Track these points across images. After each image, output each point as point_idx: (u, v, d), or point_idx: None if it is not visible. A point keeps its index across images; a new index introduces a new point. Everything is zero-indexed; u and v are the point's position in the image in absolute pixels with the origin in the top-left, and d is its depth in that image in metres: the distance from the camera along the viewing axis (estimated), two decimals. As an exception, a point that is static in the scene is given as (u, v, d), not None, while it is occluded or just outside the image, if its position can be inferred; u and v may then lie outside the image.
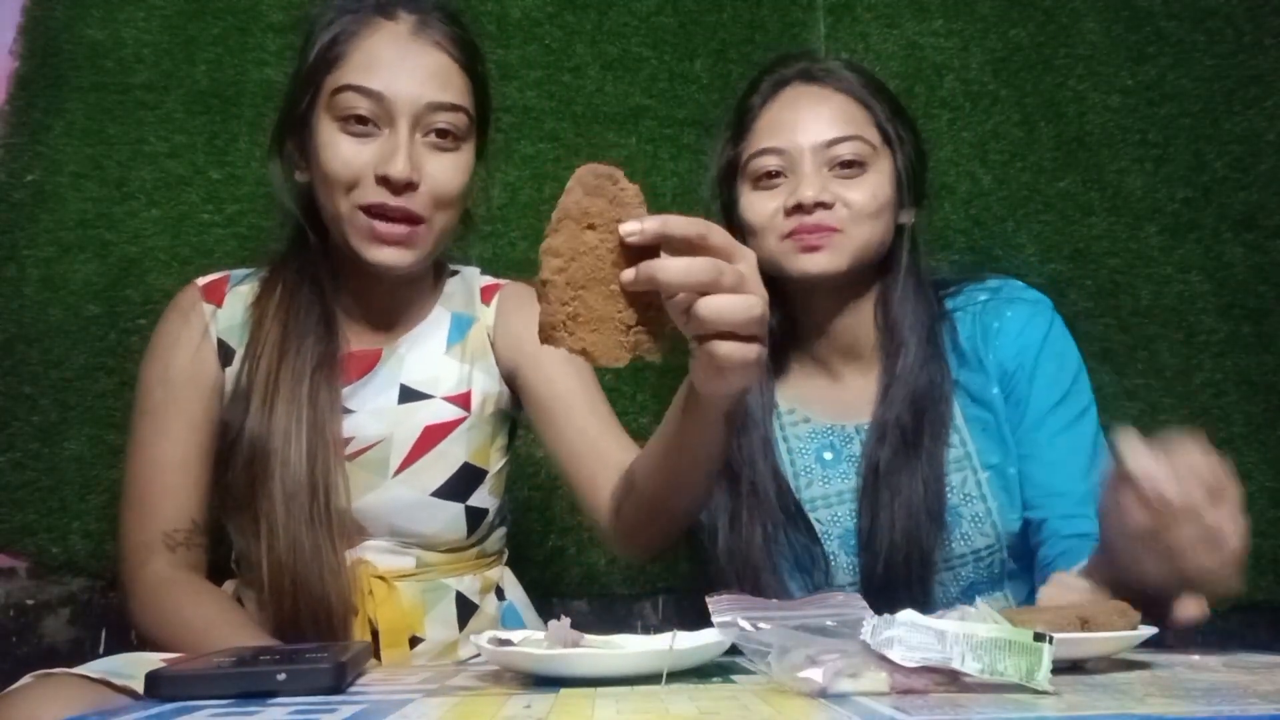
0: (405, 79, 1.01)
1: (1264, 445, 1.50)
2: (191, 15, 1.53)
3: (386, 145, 1.00)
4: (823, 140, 1.15)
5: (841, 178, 1.15)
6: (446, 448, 1.11)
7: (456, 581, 1.14)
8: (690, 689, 0.68)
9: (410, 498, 1.09)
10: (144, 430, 1.07)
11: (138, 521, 1.06)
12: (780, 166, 1.17)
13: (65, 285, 1.44)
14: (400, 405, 1.11)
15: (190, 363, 1.08)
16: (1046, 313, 1.19)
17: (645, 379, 1.56)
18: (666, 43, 1.66)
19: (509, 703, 0.65)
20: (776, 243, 1.16)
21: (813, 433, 1.24)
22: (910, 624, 0.66)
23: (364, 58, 1.01)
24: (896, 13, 1.68)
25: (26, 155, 1.47)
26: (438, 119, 1.02)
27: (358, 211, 1.01)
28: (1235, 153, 1.58)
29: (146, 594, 1.03)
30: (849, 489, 1.20)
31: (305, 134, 1.05)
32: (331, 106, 1.02)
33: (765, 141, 1.18)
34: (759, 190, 1.18)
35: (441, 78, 1.03)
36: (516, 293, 1.19)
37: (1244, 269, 1.55)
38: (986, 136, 1.62)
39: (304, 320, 1.07)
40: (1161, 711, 0.56)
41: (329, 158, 1.01)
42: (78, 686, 0.85)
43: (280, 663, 0.72)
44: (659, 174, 1.63)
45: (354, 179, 1.01)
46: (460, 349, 1.15)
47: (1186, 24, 1.61)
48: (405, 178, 0.99)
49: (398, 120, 1.00)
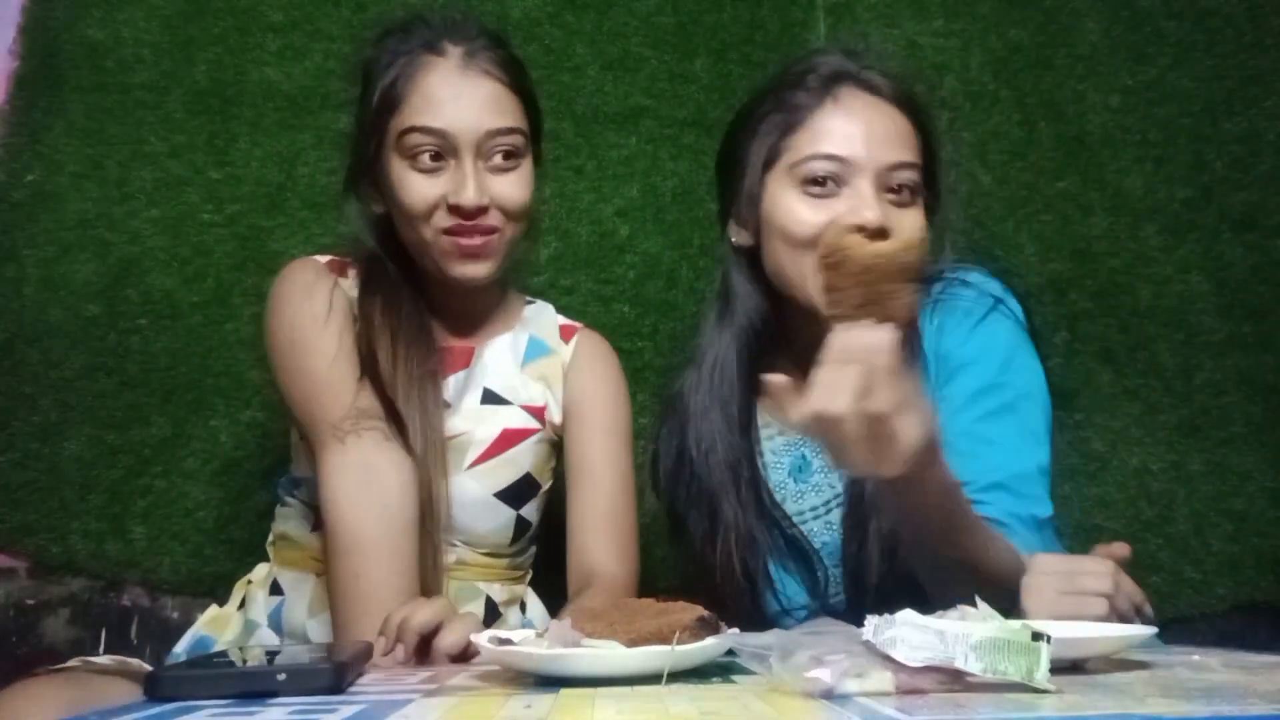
0: (463, 112, 1.08)
1: (1264, 445, 1.50)
2: (191, 15, 1.54)
3: (455, 176, 1.09)
4: (887, 163, 1.09)
5: (895, 204, 1.10)
6: (516, 454, 1.18)
7: (487, 586, 1.18)
8: (690, 689, 0.68)
9: (476, 493, 1.15)
10: (301, 386, 1.09)
11: (324, 410, 1.07)
12: (836, 174, 1.09)
13: (65, 285, 1.44)
14: (483, 406, 1.18)
15: (335, 306, 1.12)
16: (981, 308, 1.15)
17: (645, 379, 1.56)
18: (666, 43, 1.66)
19: (509, 703, 0.65)
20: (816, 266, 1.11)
21: (786, 445, 1.22)
22: (911, 624, 0.66)
23: (422, 98, 1.09)
24: (896, 13, 1.67)
25: (26, 155, 1.47)
26: (497, 143, 1.10)
27: (440, 235, 1.10)
28: (1235, 153, 1.58)
29: (350, 461, 1.04)
30: (821, 503, 1.19)
31: (378, 172, 1.13)
32: (399, 147, 1.09)
33: (826, 146, 1.10)
34: (804, 195, 1.11)
35: (495, 104, 1.10)
36: (593, 342, 1.28)
37: (1244, 269, 1.55)
38: (986, 136, 1.62)
39: (408, 326, 1.13)
40: (1161, 711, 0.56)
41: (405, 194, 1.10)
42: (77, 686, 0.86)
43: (280, 663, 0.72)
44: (659, 174, 1.63)
45: (429, 209, 1.09)
46: (536, 369, 1.23)
47: (1186, 24, 1.61)
48: (475, 204, 1.08)
49: (461, 152, 1.08)
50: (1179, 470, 1.50)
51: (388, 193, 1.12)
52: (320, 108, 1.56)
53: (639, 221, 1.62)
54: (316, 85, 1.56)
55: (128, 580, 1.43)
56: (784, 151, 1.13)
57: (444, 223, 1.09)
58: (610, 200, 1.60)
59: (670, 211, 1.63)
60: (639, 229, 1.62)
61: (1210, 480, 1.48)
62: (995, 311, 1.14)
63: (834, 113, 1.12)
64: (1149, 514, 1.48)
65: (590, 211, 1.62)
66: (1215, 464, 1.49)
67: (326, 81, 1.56)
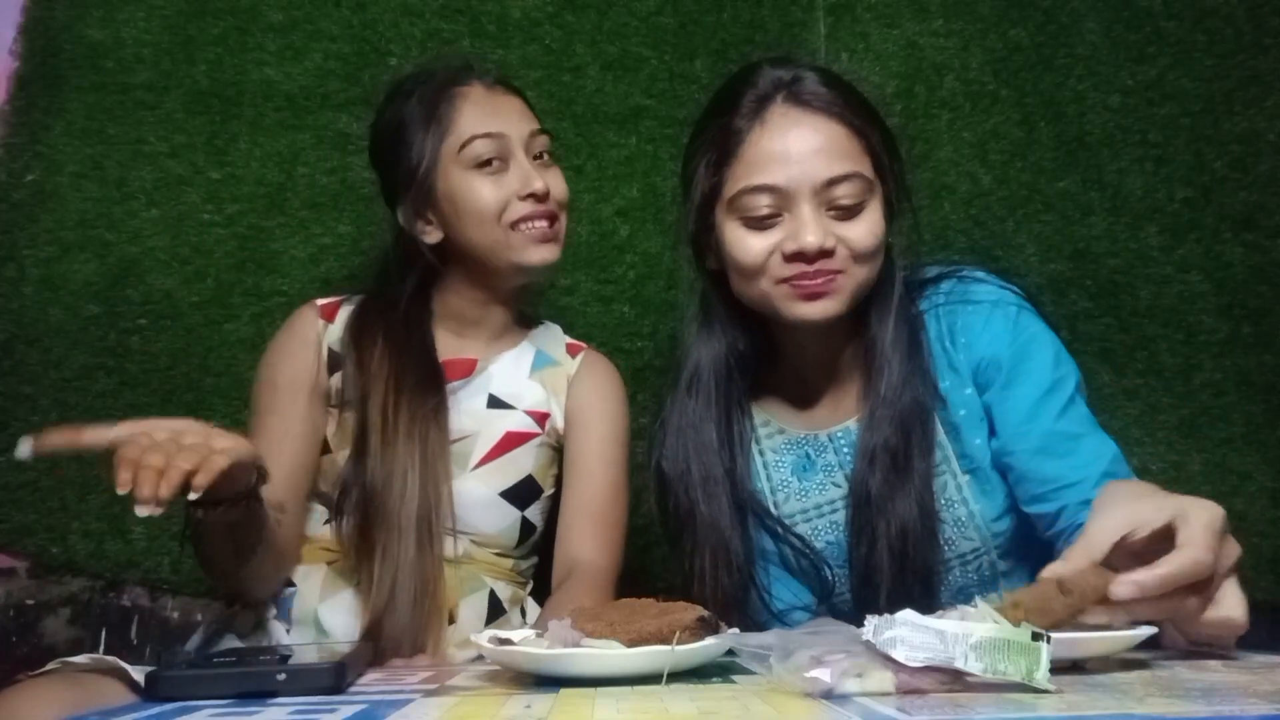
0: (508, 118, 1.23)
1: (1264, 445, 1.50)
2: (191, 15, 1.54)
3: (517, 172, 1.21)
4: (821, 180, 1.07)
5: (839, 218, 1.08)
6: (518, 455, 1.24)
7: (492, 581, 1.22)
8: (690, 689, 0.68)
9: (481, 493, 1.21)
10: (251, 425, 1.21)
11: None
12: (774, 207, 1.08)
13: (65, 285, 1.44)
14: (488, 410, 1.25)
15: (296, 371, 1.22)
16: (1007, 304, 1.15)
17: (645, 379, 1.56)
18: (666, 43, 1.66)
19: (509, 703, 0.65)
20: (771, 285, 1.10)
21: (788, 444, 1.22)
22: (911, 624, 0.66)
23: (471, 115, 1.21)
24: (896, 13, 1.67)
25: (26, 155, 1.47)
26: (537, 143, 1.24)
27: (510, 231, 1.20)
28: (1235, 153, 1.57)
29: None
30: (825, 501, 1.19)
31: (433, 201, 1.22)
32: (459, 161, 1.20)
33: (757, 177, 1.08)
34: (748, 230, 1.10)
35: (526, 112, 1.26)
36: (598, 360, 1.35)
37: (1244, 269, 1.55)
38: (986, 136, 1.62)
39: (414, 366, 1.21)
40: (1161, 711, 0.56)
41: (475, 199, 1.20)
42: (76, 686, 0.86)
43: (280, 663, 0.72)
44: (659, 174, 1.63)
45: (501, 206, 1.20)
46: (542, 378, 1.30)
47: (1186, 24, 1.61)
48: (544, 189, 1.21)
49: (515, 151, 1.22)
50: (1179, 470, 1.50)
51: (449, 203, 1.20)
52: (320, 108, 1.56)
53: (639, 221, 1.62)
54: (316, 85, 1.56)
55: (128, 580, 1.43)
56: (723, 184, 1.12)
57: (516, 214, 1.20)
58: (610, 200, 1.60)
59: (670, 211, 1.63)
60: (639, 229, 1.62)
61: (1210, 480, 1.48)
62: (1022, 313, 1.15)
63: (763, 138, 1.10)
64: (1149, 514, 1.47)
65: (590, 211, 1.62)
66: (1215, 464, 1.49)
67: (326, 81, 1.56)
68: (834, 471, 1.19)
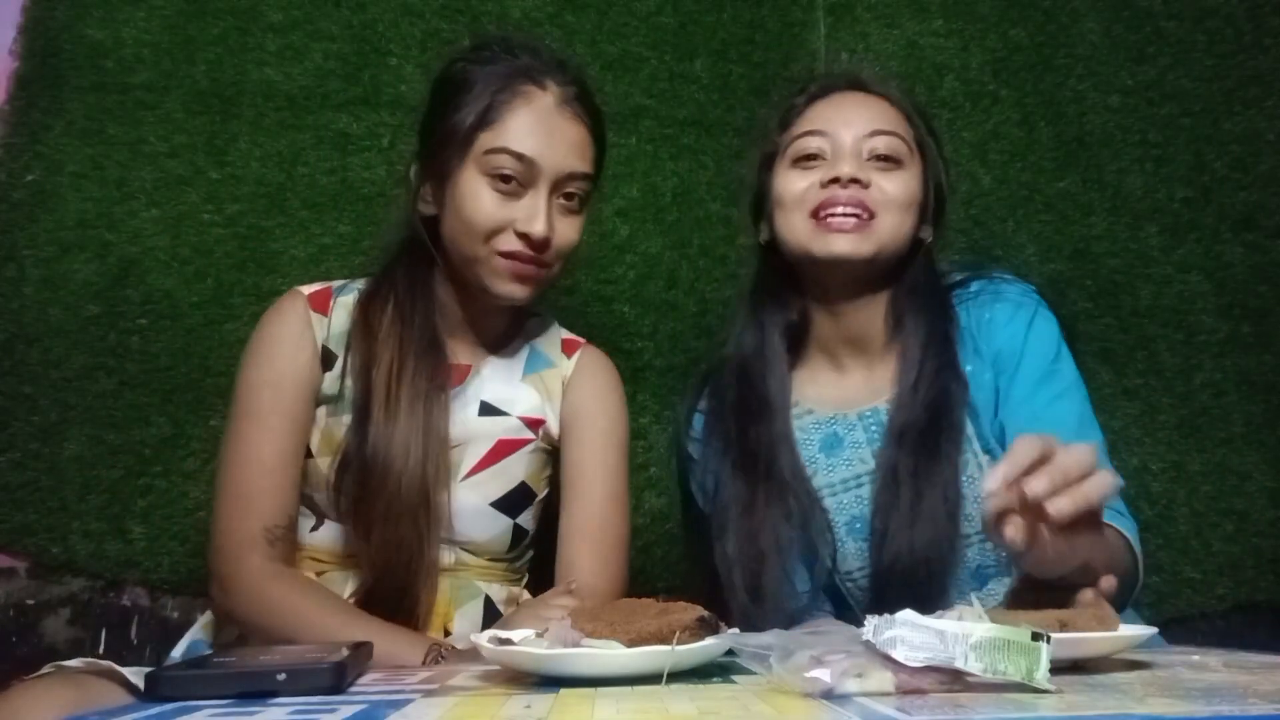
0: (553, 148, 1.13)
1: (1264, 445, 1.50)
2: (191, 15, 1.53)
3: (529, 205, 1.12)
4: (864, 131, 1.22)
5: (878, 169, 1.21)
6: (510, 463, 1.21)
7: (487, 586, 1.20)
8: (690, 689, 0.68)
9: (473, 504, 1.18)
10: (247, 430, 1.14)
11: (239, 518, 1.11)
12: (821, 149, 1.22)
13: (65, 285, 1.44)
14: (480, 418, 1.21)
15: (295, 366, 1.16)
16: (1030, 303, 1.25)
17: (645, 379, 1.56)
18: (666, 43, 1.66)
19: (509, 703, 0.65)
20: (804, 220, 1.21)
21: (816, 423, 1.28)
22: (911, 624, 0.66)
23: (519, 124, 1.12)
24: (896, 13, 1.67)
25: (26, 155, 1.47)
26: (572, 186, 1.15)
27: (494, 254, 1.13)
28: (1235, 153, 1.58)
29: (252, 586, 1.09)
30: (852, 476, 1.24)
31: (444, 177, 1.14)
32: (482, 162, 1.12)
33: (809, 125, 1.24)
34: (796, 169, 1.24)
35: (580, 149, 1.16)
36: (595, 358, 1.30)
37: (1244, 269, 1.55)
38: (986, 136, 1.62)
39: (418, 339, 1.16)
40: (1161, 711, 0.56)
41: (475, 208, 1.12)
42: (76, 686, 0.86)
43: (280, 663, 0.72)
44: (659, 174, 1.63)
45: (496, 229, 1.13)
46: (536, 380, 1.26)
47: (1186, 24, 1.61)
48: (545, 236, 1.12)
49: (540, 184, 1.12)
50: (1179, 470, 1.50)
51: (453, 200, 1.14)
52: (320, 108, 1.56)
53: (639, 221, 1.62)
54: (316, 85, 1.56)
55: (128, 580, 1.43)
56: (781, 144, 1.27)
57: (507, 245, 1.12)
58: (610, 200, 1.60)
59: (670, 211, 1.63)
60: (639, 229, 1.62)
61: (1210, 480, 1.48)
62: (1040, 312, 1.25)
63: (822, 105, 1.27)
64: (1149, 514, 1.48)
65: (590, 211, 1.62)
66: (1215, 464, 1.49)
67: (326, 81, 1.56)
68: (861, 448, 1.24)
